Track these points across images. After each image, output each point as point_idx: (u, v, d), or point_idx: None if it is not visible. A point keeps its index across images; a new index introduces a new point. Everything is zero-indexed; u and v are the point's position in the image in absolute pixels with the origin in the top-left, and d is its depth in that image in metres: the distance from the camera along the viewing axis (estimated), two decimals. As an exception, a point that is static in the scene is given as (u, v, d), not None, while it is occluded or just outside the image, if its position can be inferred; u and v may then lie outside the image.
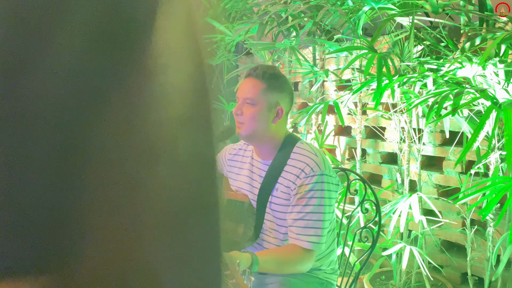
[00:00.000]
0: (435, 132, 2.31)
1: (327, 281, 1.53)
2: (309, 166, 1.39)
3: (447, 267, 2.28)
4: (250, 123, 1.43)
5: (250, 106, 1.42)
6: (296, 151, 1.45)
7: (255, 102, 1.41)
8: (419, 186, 2.17)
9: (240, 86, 1.47)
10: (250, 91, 1.42)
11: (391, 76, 1.83)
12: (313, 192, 1.37)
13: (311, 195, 1.37)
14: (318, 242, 1.37)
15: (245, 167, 1.58)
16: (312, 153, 1.44)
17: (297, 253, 1.38)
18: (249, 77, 1.45)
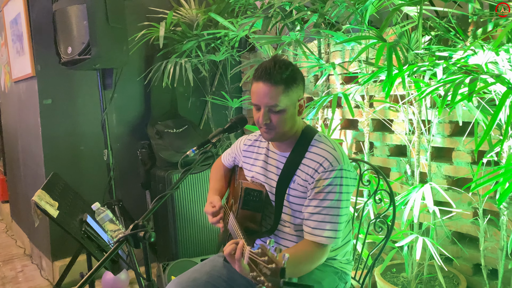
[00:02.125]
0: (443, 123, 2.29)
1: (342, 270, 1.51)
2: (328, 161, 1.37)
3: (458, 258, 2.26)
4: (280, 128, 1.41)
5: (277, 112, 1.38)
6: (314, 144, 1.44)
7: (281, 107, 1.37)
8: (429, 177, 2.15)
9: (256, 92, 1.39)
10: (272, 98, 1.36)
11: (402, 66, 1.82)
12: (331, 187, 1.35)
13: (329, 190, 1.35)
14: (335, 237, 1.36)
15: (260, 158, 1.57)
16: (331, 147, 1.42)
17: (312, 250, 1.35)
18: (265, 83, 1.37)
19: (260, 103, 1.39)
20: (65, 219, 1.49)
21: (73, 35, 2.50)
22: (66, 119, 2.93)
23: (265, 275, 0.98)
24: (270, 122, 1.39)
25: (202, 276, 1.52)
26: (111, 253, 1.03)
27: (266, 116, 1.39)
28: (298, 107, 1.43)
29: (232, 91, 3.48)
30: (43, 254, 3.17)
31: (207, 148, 1.33)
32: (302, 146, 1.45)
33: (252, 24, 2.58)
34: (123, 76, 3.02)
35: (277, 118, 1.38)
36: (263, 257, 1.00)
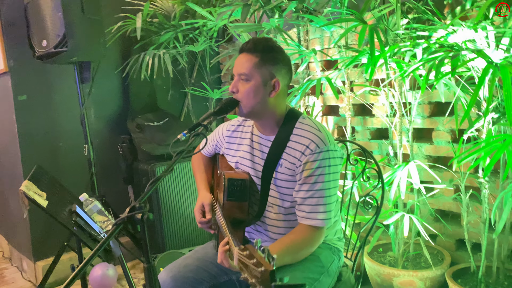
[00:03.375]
0: (423, 104, 2.35)
1: (335, 247, 1.54)
2: (314, 143, 1.37)
3: (441, 235, 2.33)
4: (247, 100, 1.39)
5: (245, 82, 1.39)
6: (299, 126, 1.43)
7: (249, 77, 1.38)
8: (411, 157, 2.20)
9: (235, 63, 1.43)
10: (243, 66, 1.39)
11: (383, 47, 1.85)
12: (320, 169, 1.36)
13: (319, 173, 1.36)
14: (328, 218, 1.37)
15: (244, 142, 1.56)
16: (316, 128, 1.41)
17: (311, 234, 1.36)
18: (242, 52, 1.41)
19: (235, 72, 1.42)
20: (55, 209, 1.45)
21: (48, 28, 2.43)
22: (43, 115, 2.85)
23: (255, 277, 0.96)
24: (237, 91, 1.40)
25: (193, 262, 1.52)
26: (109, 236, 1.01)
27: (234, 84, 1.41)
28: (270, 87, 1.40)
29: (212, 82, 3.46)
30: (23, 256, 3.08)
31: (199, 131, 1.32)
32: (287, 129, 1.44)
33: (231, 12, 2.57)
34: (100, 69, 2.96)
35: (243, 88, 1.39)
36: (252, 260, 0.98)
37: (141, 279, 2.86)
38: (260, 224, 1.50)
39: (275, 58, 1.41)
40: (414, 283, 2.11)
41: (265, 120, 1.48)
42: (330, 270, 1.47)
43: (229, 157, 1.62)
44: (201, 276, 1.47)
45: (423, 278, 2.09)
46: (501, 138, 1.64)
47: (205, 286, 1.46)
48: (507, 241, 1.96)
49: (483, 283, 1.95)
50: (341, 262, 1.55)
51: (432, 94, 2.28)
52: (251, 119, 1.53)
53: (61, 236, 2.84)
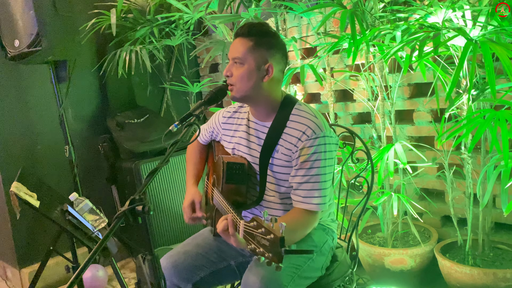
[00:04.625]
0: (402, 86, 2.40)
1: (328, 228, 1.56)
2: (310, 129, 1.39)
3: (426, 213, 2.39)
4: (240, 84, 1.40)
5: (239, 66, 1.40)
6: (295, 113, 1.44)
7: (242, 61, 1.39)
8: (395, 138, 2.25)
9: (230, 47, 1.44)
10: (237, 50, 1.40)
11: (364, 31, 1.88)
12: (316, 154, 1.37)
13: (315, 158, 1.37)
14: (324, 203, 1.39)
15: (241, 129, 1.56)
16: (312, 114, 1.43)
17: (305, 217, 1.38)
18: (237, 37, 1.42)
19: (229, 56, 1.43)
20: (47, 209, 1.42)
21: (19, 27, 2.35)
22: (18, 118, 2.76)
23: (264, 246, 0.98)
24: (231, 76, 1.41)
25: (193, 249, 1.52)
26: (111, 230, 1.00)
27: (228, 68, 1.42)
28: (264, 71, 1.40)
29: (190, 76, 3.43)
30: (6, 264, 2.99)
31: (191, 121, 1.31)
32: (283, 115, 1.45)
33: (208, 4, 2.55)
34: (76, 68, 2.88)
35: (237, 72, 1.40)
36: (260, 229, 1.00)
37: (132, 279, 2.83)
38: (256, 207, 1.51)
39: (270, 43, 1.41)
40: (404, 260, 2.16)
41: (260, 106, 1.48)
42: (323, 249, 1.49)
43: (226, 143, 1.62)
44: (201, 262, 1.47)
45: (413, 255, 2.15)
46: (482, 115, 1.69)
47: (204, 272, 1.47)
48: (490, 213, 2.03)
49: (470, 255, 2.02)
50: (334, 242, 1.58)
51: (411, 76, 2.33)
52: (246, 104, 1.53)
53: (45, 241, 2.78)
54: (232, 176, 1.44)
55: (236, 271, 1.52)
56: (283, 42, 1.47)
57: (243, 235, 1.08)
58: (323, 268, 1.47)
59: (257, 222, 1.02)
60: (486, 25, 1.65)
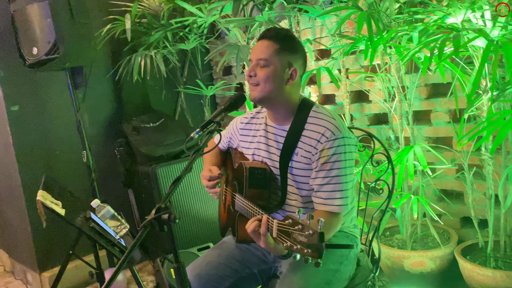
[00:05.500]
0: (419, 86, 2.38)
1: (352, 234, 1.55)
2: (329, 130, 1.39)
3: (445, 214, 2.37)
4: (264, 85, 1.41)
5: (264, 67, 1.41)
6: (313, 115, 1.45)
7: (268, 62, 1.40)
8: (412, 140, 2.23)
9: (253, 48, 1.45)
10: (263, 51, 1.41)
11: (381, 32, 1.86)
12: (336, 156, 1.37)
13: (334, 159, 1.37)
14: (345, 204, 1.39)
15: (259, 134, 1.57)
16: (330, 116, 1.44)
17: (328, 219, 1.36)
18: (263, 39, 1.43)
19: (253, 57, 1.43)
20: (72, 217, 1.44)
21: (37, 35, 2.38)
22: (37, 124, 2.80)
23: (301, 243, 0.99)
24: (255, 76, 1.41)
25: (215, 259, 1.52)
26: (138, 239, 1.01)
27: (252, 68, 1.42)
28: (288, 75, 1.42)
29: (204, 79, 3.44)
30: (27, 268, 3.04)
31: (212, 128, 1.32)
32: (301, 118, 1.46)
33: (222, 8, 2.55)
34: (92, 74, 2.91)
35: (262, 73, 1.40)
36: (296, 226, 1.01)
37: (150, 282, 2.86)
38: (279, 212, 1.51)
39: (295, 48, 1.44)
40: (424, 263, 2.14)
41: (278, 109, 1.49)
42: (349, 258, 1.49)
43: (244, 150, 1.63)
44: (225, 272, 1.47)
45: (432, 257, 2.13)
46: (503, 116, 1.67)
47: (229, 281, 1.47)
48: (512, 215, 2.00)
49: (492, 257, 2.00)
50: (358, 248, 1.57)
51: (428, 77, 2.31)
52: (265, 106, 1.53)
53: (64, 245, 2.82)
54: (254, 181, 1.45)
55: (259, 278, 1.52)
56: (305, 50, 1.49)
57: (277, 234, 1.09)
58: (350, 276, 1.47)
59: (293, 219, 1.04)
60: (506, 25, 1.63)
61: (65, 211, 1.41)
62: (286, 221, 1.04)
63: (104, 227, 1.54)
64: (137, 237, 1.01)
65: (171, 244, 1.10)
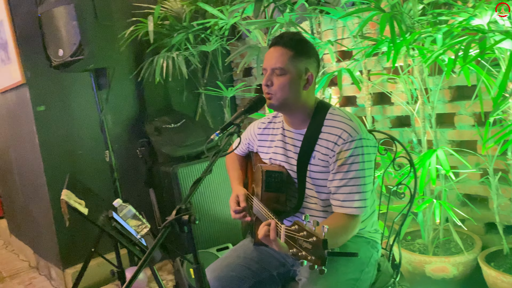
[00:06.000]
0: (443, 89, 2.33)
1: (372, 240, 1.54)
2: (346, 132, 1.38)
3: (469, 220, 2.32)
4: (281, 93, 1.40)
5: (280, 75, 1.40)
6: (330, 117, 1.44)
7: (285, 71, 1.39)
8: (435, 143, 2.19)
9: (266, 56, 1.43)
10: (278, 60, 1.39)
11: (404, 34, 1.84)
12: (353, 157, 1.36)
13: (352, 161, 1.36)
14: (364, 206, 1.37)
15: (276, 138, 1.57)
16: (347, 118, 1.42)
17: (346, 222, 1.36)
18: (275, 46, 1.42)
19: (267, 66, 1.42)
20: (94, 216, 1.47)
21: (63, 37, 2.44)
22: (61, 124, 2.87)
23: (306, 249, 0.98)
24: (271, 85, 1.40)
25: (234, 260, 1.53)
26: (158, 239, 1.02)
27: (268, 78, 1.41)
28: (304, 80, 1.42)
29: (224, 80, 3.46)
30: (51, 264, 3.12)
31: (232, 130, 1.33)
32: (318, 121, 1.45)
33: (243, 9, 2.56)
34: (115, 75, 2.97)
35: (279, 81, 1.39)
36: (301, 232, 1.00)
37: (169, 281, 2.89)
38: (298, 216, 1.50)
39: (309, 52, 1.43)
40: (446, 269, 2.10)
41: (296, 113, 1.48)
42: (370, 265, 1.47)
43: (263, 154, 1.63)
44: (244, 274, 1.48)
45: (455, 263, 2.09)
46: (531, 119, 1.63)
47: (248, 283, 1.47)
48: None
49: (518, 264, 1.94)
50: (379, 253, 1.55)
51: (452, 79, 2.27)
52: (283, 112, 1.53)
53: (87, 243, 2.87)
54: (271, 184, 1.44)
55: (278, 280, 1.52)
56: (317, 51, 1.48)
57: (284, 240, 1.09)
58: (371, 283, 1.45)
59: (299, 225, 1.03)
60: (535, 26, 1.58)
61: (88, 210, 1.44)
62: (293, 227, 1.03)
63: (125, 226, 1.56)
64: (158, 237, 1.03)
65: (191, 245, 1.11)
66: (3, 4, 2.72)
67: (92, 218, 1.42)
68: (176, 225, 1.06)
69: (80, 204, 1.43)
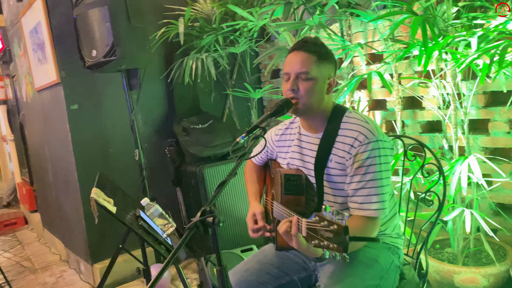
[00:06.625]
0: (477, 94, 2.26)
1: (393, 245, 1.51)
2: (362, 134, 1.37)
3: (501, 230, 2.24)
4: (307, 97, 1.40)
5: (306, 80, 1.40)
6: (346, 121, 1.44)
7: (310, 75, 1.39)
8: (468, 150, 2.13)
9: (289, 61, 1.43)
10: (303, 65, 1.40)
11: (437, 38, 1.79)
12: (370, 159, 1.35)
13: (369, 163, 1.35)
14: (382, 208, 1.35)
15: (293, 144, 1.58)
16: (363, 120, 1.42)
17: (364, 224, 1.34)
18: (298, 51, 1.42)
19: (291, 71, 1.42)
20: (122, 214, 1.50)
21: (96, 38, 2.51)
22: (93, 122, 2.95)
23: (328, 238, 0.99)
24: (297, 90, 1.40)
25: (254, 265, 1.53)
26: (183, 240, 1.03)
27: (294, 83, 1.41)
28: (327, 85, 1.44)
29: (252, 82, 3.48)
30: (80, 258, 3.21)
31: (257, 133, 1.33)
32: (335, 124, 1.45)
33: (273, 11, 2.56)
34: (145, 76, 3.03)
35: (304, 86, 1.40)
36: (322, 222, 1.01)
37: (194, 279, 2.92)
38: None
39: (330, 57, 1.45)
40: (476, 280, 2.04)
41: (315, 118, 1.49)
42: (390, 271, 1.44)
43: (281, 160, 1.64)
44: (264, 279, 1.48)
45: (486, 274, 2.02)
46: None
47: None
48: None
49: (553, 279, 1.86)
50: (401, 259, 1.52)
51: (487, 84, 2.20)
52: (304, 117, 1.52)
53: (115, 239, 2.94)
54: (290, 187, 1.45)
55: (299, 286, 1.51)
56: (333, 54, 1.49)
57: (306, 233, 1.09)
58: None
59: (319, 216, 1.04)
60: None
61: (116, 208, 1.48)
62: (313, 218, 1.04)
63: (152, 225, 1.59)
64: (182, 238, 1.04)
65: (215, 247, 1.11)
66: (41, 6, 2.82)
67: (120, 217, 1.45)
68: (200, 226, 1.07)
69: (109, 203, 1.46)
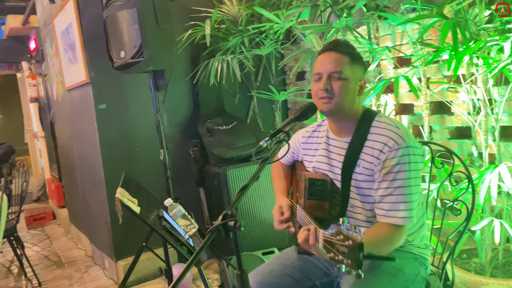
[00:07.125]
0: (509, 100, 2.19)
1: (421, 256, 1.47)
2: (392, 140, 1.34)
3: (533, 241, 2.16)
4: (340, 97, 1.38)
5: (338, 80, 1.38)
6: (376, 125, 1.41)
7: (344, 75, 1.38)
8: (498, 157, 2.06)
9: (320, 62, 1.42)
10: (337, 64, 1.38)
11: (467, 42, 1.74)
12: (399, 165, 1.31)
13: (398, 169, 1.31)
14: (410, 216, 1.32)
15: (320, 147, 1.55)
16: (393, 125, 1.38)
17: (390, 232, 1.31)
18: (330, 52, 1.41)
19: (323, 71, 1.40)
20: (145, 215, 1.53)
21: (125, 39, 2.55)
22: (120, 122, 3.01)
23: (343, 253, 0.98)
24: (331, 89, 1.39)
25: (277, 268, 1.53)
26: (205, 243, 1.04)
27: (327, 82, 1.39)
28: (358, 86, 1.42)
29: (277, 84, 3.47)
30: (105, 255, 3.27)
31: (281, 137, 1.32)
32: (364, 129, 1.42)
33: (299, 14, 2.55)
34: (171, 77, 3.07)
35: (338, 85, 1.38)
36: (338, 236, 0.99)
37: (215, 280, 2.93)
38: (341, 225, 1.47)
39: (361, 59, 1.44)
40: (505, 292, 1.97)
41: (345, 120, 1.46)
42: (416, 282, 1.41)
43: (307, 163, 1.62)
44: (285, 281, 1.47)
45: (515, 287, 1.95)
46: None
47: None
48: None
49: None
50: (428, 271, 1.48)
51: (520, 90, 2.12)
52: (334, 119, 1.50)
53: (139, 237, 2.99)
54: (313, 192, 1.43)
55: None
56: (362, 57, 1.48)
57: (323, 244, 1.07)
58: None
59: (337, 229, 1.02)
60: None
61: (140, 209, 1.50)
62: (330, 231, 1.03)
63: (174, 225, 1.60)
64: (204, 241, 1.04)
65: (236, 251, 1.11)
66: (72, 8, 2.90)
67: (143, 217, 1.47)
68: (221, 230, 1.07)
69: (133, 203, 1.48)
